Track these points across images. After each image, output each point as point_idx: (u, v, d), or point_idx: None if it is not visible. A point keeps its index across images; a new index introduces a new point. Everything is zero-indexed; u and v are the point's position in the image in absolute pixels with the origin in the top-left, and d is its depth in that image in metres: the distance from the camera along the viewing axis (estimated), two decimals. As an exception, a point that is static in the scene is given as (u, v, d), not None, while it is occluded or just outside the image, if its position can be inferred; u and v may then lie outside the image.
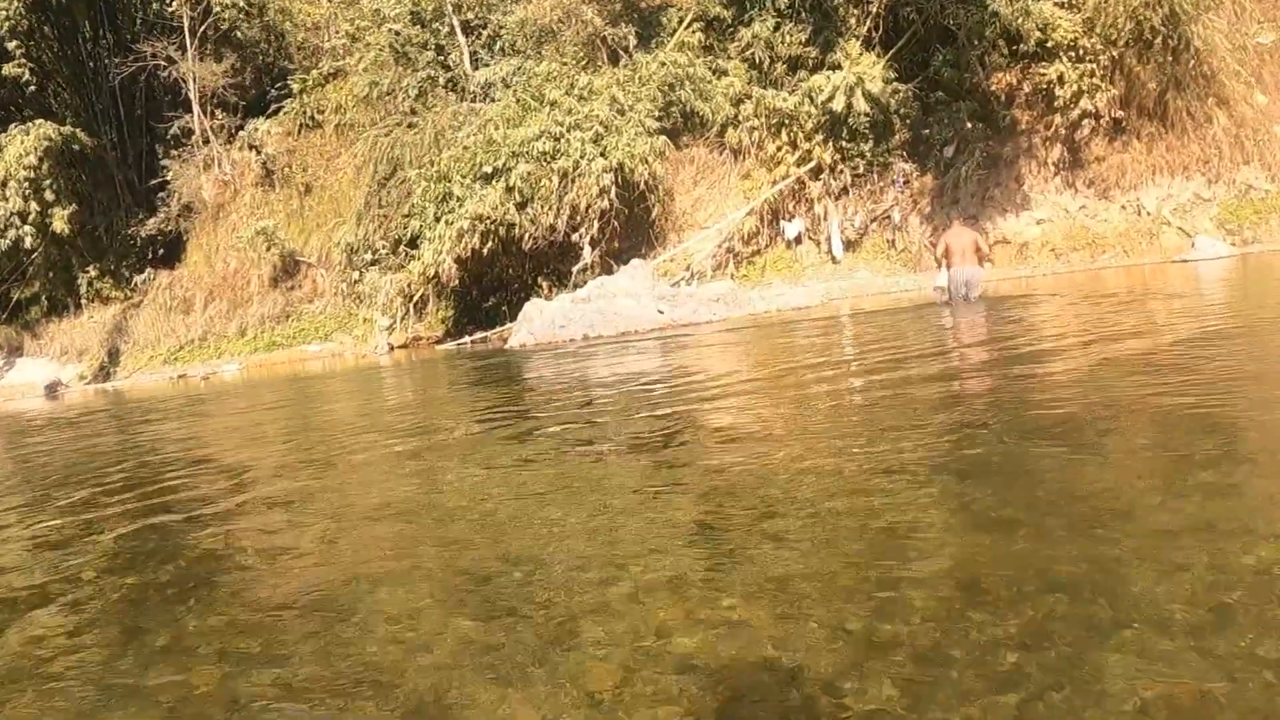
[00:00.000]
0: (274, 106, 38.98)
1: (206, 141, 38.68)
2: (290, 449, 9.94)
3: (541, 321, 23.40)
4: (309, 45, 40.23)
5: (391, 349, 29.86)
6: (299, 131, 37.97)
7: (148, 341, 36.90)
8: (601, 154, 27.35)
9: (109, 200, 40.54)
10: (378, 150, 31.52)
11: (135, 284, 38.65)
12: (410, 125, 31.46)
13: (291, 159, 37.58)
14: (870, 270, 28.04)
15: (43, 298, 40.60)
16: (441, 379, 18.17)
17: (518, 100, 29.06)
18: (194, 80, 37.99)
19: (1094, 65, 26.53)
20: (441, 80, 32.84)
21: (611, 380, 12.52)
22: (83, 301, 39.44)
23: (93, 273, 39.31)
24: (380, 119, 32.86)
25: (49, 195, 36.67)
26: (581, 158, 27.28)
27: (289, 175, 37.20)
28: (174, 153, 38.84)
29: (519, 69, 30.58)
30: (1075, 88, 26.48)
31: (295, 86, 38.22)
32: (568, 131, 27.55)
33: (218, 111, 38.85)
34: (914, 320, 16.77)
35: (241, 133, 38.67)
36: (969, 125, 27.94)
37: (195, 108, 38.44)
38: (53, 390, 33.68)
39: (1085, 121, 26.88)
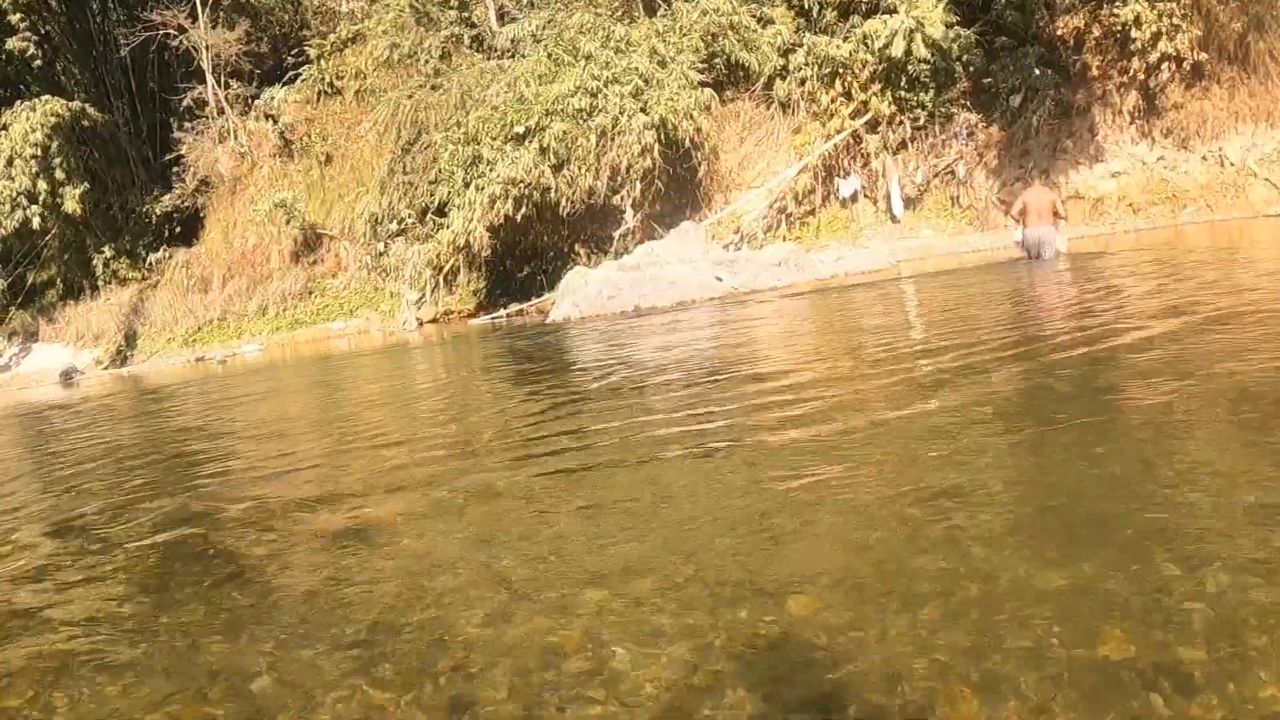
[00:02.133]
0: (291, 74, 37.17)
1: (221, 113, 36.92)
2: (299, 484, 8.06)
3: (587, 292, 21.58)
4: (326, 9, 38.46)
5: (421, 324, 28.34)
6: (318, 99, 36.18)
7: (165, 323, 35.28)
8: (642, 109, 25.57)
9: (122, 177, 39.03)
10: (400, 114, 29.70)
11: (150, 263, 36.97)
12: (434, 87, 29.64)
13: (310, 128, 35.81)
14: (933, 229, 26.16)
15: (58, 281, 38.96)
16: (479, 363, 16.25)
17: (549, 55, 27.24)
18: (206, 49, 36.19)
19: (1173, 4, 24.43)
20: (466, 39, 31.12)
21: (699, 369, 10.34)
22: (99, 283, 37.76)
23: (108, 253, 37.65)
24: (402, 82, 31.04)
25: (59, 174, 35.18)
26: (621, 114, 25.51)
27: (308, 145, 35.42)
28: (187, 125, 37.09)
29: (549, 22, 28.81)
30: (1154, 28, 24.36)
31: (312, 52, 36.28)
32: (605, 86, 25.78)
33: (232, 81, 37.09)
34: (1004, 284, 14.99)
35: (257, 102, 36.91)
36: (1037, 72, 25.87)
37: (209, 78, 36.68)
38: (68, 377, 32.07)
39: (1164, 66, 24.75)
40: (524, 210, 25.79)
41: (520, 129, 25.95)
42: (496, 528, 4.73)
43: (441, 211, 27.41)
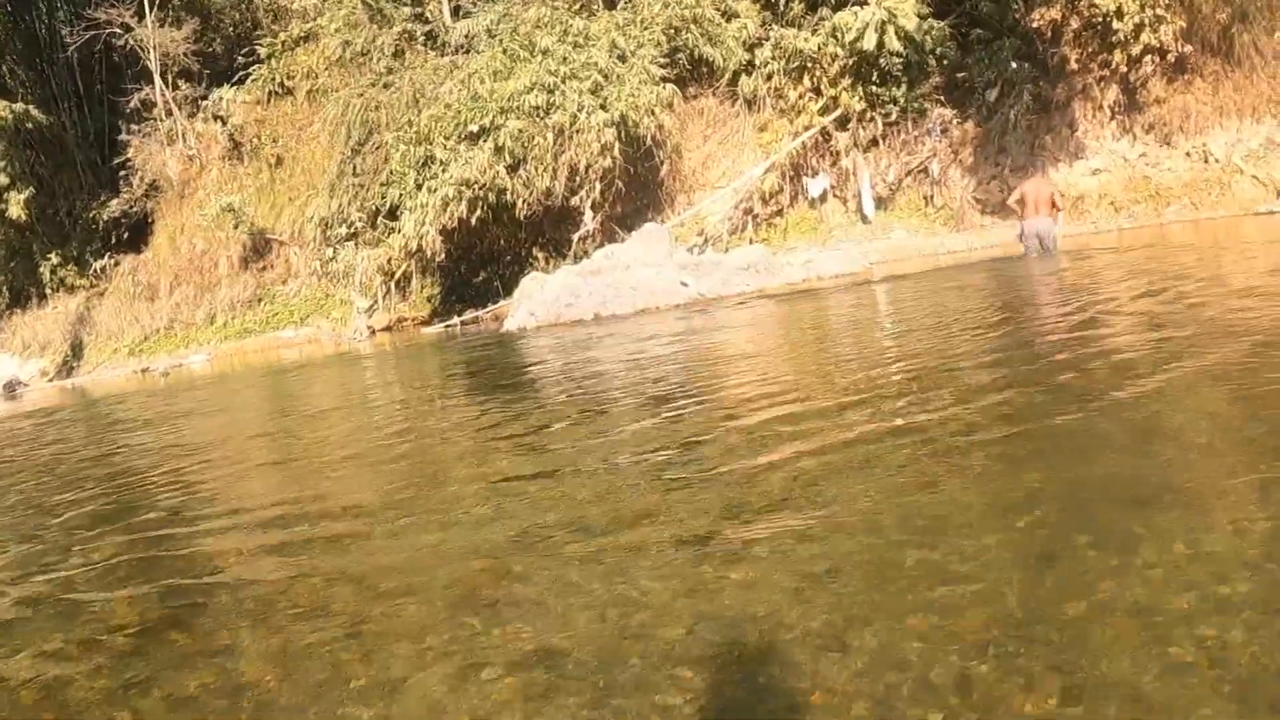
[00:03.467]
0: (241, 74, 35.77)
1: (169, 114, 35.60)
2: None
3: (543, 298, 20.35)
4: (277, 7, 37.01)
5: (373, 332, 27.19)
6: (268, 100, 34.90)
7: (111, 332, 34.08)
8: (602, 106, 24.39)
9: (70, 182, 37.78)
10: (350, 113, 28.40)
11: (97, 270, 35.69)
12: (386, 85, 28.39)
13: (260, 130, 34.56)
14: (906, 230, 25.10)
15: (4, 289, 37.76)
16: (428, 376, 15.20)
17: (505, 50, 25.95)
18: (153, 48, 34.88)
19: (1156, -6, 23.45)
20: (420, 35, 29.82)
21: (662, 394, 9.20)
22: (47, 291, 36.60)
23: (55, 260, 36.52)
24: (355, 81, 29.79)
25: (4, 178, 34.23)
26: (579, 111, 24.32)
27: (258, 147, 34.17)
28: (134, 127, 35.73)
29: (505, 16, 27.55)
30: (1137, 20, 23.31)
31: (263, 51, 34.99)
32: (562, 82, 24.59)
33: (181, 82, 35.76)
34: (997, 283, 14.46)
35: (206, 103, 35.57)
36: (1013, 65, 24.86)
37: (156, 78, 35.36)
38: (11, 390, 30.74)
39: (1147, 59, 23.74)
40: (478, 213, 24.60)
41: (474, 128, 24.74)
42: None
43: (393, 214, 26.21)
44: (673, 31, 26.41)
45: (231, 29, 37.92)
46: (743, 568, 3.72)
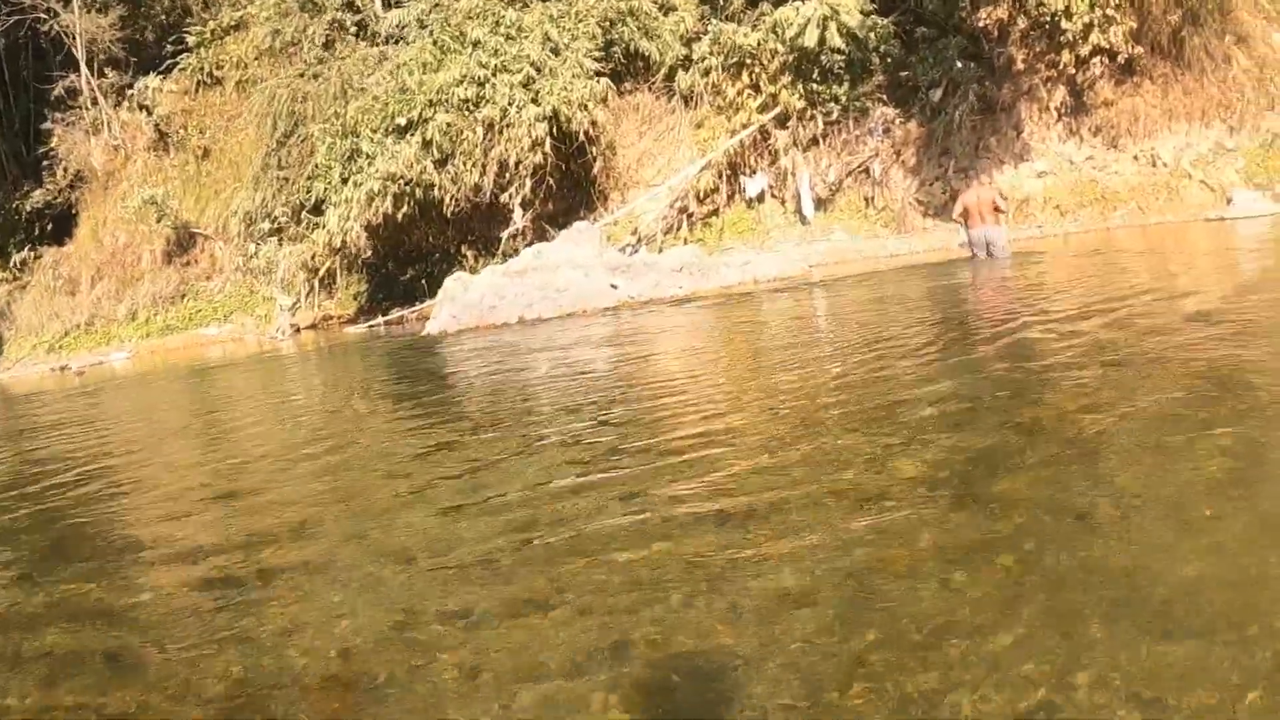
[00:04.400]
0: (168, 63, 34.64)
1: (95, 103, 34.50)
2: None
3: (467, 300, 19.55)
4: (207, -7, 36.00)
5: (297, 330, 26.32)
6: (196, 90, 33.88)
7: (31, 328, 32.98)
8: (533, 100, 23.71)
9: (-8, 173, 36.48)
10: (277, 104, 27.52)
11: (16, 263, 34.62)
12: (315, 75, 27.50)
13: (188, 120, 33.56)
14: (846, 232, 24.44)
15: (-73, 283, 36.48)
16: (343, 382, 14.37)
17: (435, 41, 25.16)
18: (80, 34, 33.75)
19: (1107, -6, 22.90)
20: (350, 24, 28.92)
21: (584, 414, 8.47)
22: (-31, 286, 35.38)
23: (-24, 253, 35.31)
24: (284, 71, 28.88)
25: (-77, 168, 33.08)
26: (510, 105, 23.66)
27: (185, 138, 33.17)
28: (59, 116, 34.56)
29: (436, 5, 26.69)
30: (1086, 20, 22.74)
31: (192, 40, 33.90)
32: (494, 75, 23.92)
33: (107, 70, 34.63)
34: (942, 293, 13.81)
35: (132, 92, 34.47)
36: (958, 65, 24.23)
37: (82, 65, 34.19)
38: (-74, 389, 29.65)
39: (1096, 60, 23.18)
40: (405, 208, 23.92)
41: (402, 121, 24.02)
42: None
43: (318, 209, 25.43)
44: (608, 24, 25.62)
45: (162, 15, 36.71)
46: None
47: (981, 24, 24.33)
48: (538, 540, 4.45)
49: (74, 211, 34.79)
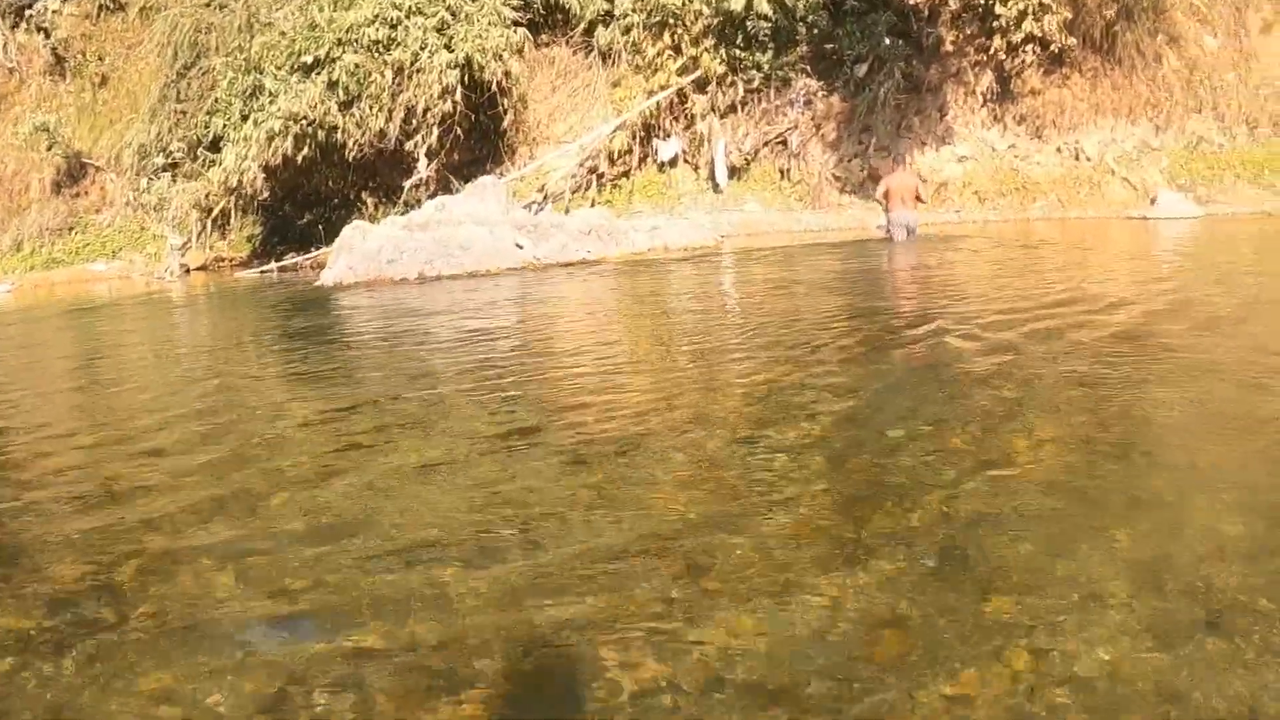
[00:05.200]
0: (70, -17, 33.16)
1: (-11, 23, 32.99)
2: None
3: (365, 251, 18.62)
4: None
5: (187, 271, 25.30)
6: (98, 15, 32.24)
7: (-87, 256, 31.42)
8: (446, 46, 22.94)
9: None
10: (179, 33, 26.35)
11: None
12: (221, 5, 26.40)
13: (87, 46, 32.02)
14: (759, 203, 24.00)
15: None
16: (225, 333, 13.64)
17: (348, -23, 24.21)
18: (-26, -51, 32.24)
19: (1044, -19, 22.55)
20: (265, -45, 27.85)
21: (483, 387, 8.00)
22: None
23: None
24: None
25: None
26: (422, 49, 22.86)
27: (82, 64, 31.71)
28: (-50, 34, 33.02)
29: (352, -60, 25.73)
30: (1020, 7, 22.33)
31: (95, -40, 32.51)
32: (406, 17, 23.04)
33: (4, -13, 33.15)
34: (857, 272, 14.05)
35: (30, 12, 32.99)
36: (886, 41, 23.84)
37: (-25, -18, 32.71)
38: None
39: (1028, 48, 22.84)
40: (306, 151, 23.00)
41: (308, 59, 23.07)
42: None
43: (215, 146, 24.37)
44: (529, -28, 24.83)
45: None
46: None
47: (912, 2, 23.88)
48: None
49: (-37, 135, 33.24)
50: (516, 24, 24.00)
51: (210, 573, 3.70)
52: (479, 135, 24.57)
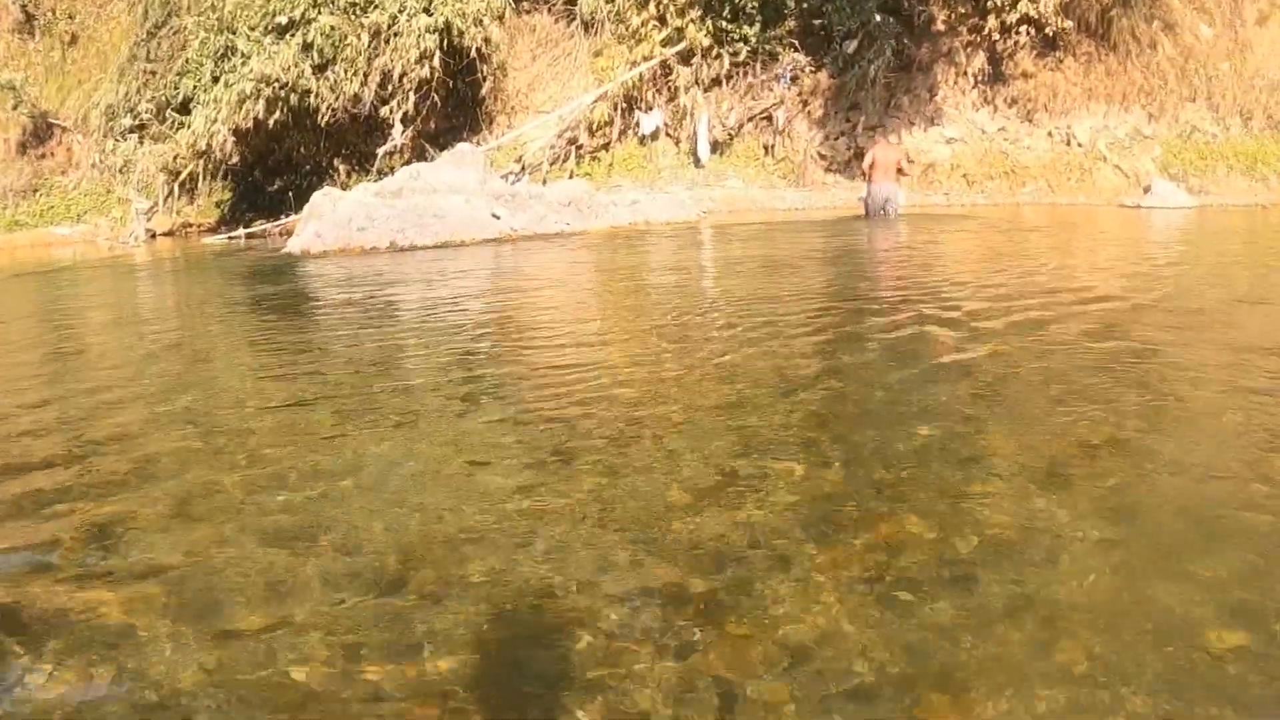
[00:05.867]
0: (42, -61, 32.51)
1: (-43, -23, 32.29)
2: None
3: (335, 218, 17.90)
4: None
5: (153, 236, 24.65)
6: (70, -29, 31.84)
7: (-127, 216, 30.70)
8: (425, 10, 22.49)
9: None
10: (151, -10, 25.81)
11: None
12: (195, -37, 25.81)
13: (58, 3, 31.43)
14: (741, 179, 23.53)
15: None
16: (195, 307, 12.86)
17: (325, -63, 23.64)
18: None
19: (1044, -37, 22.13)
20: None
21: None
22: None
23: None
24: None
25: None
26: (400, 12, 22.45)
27: (52, 22, 31.06)
28: (-85, -11, 32.31)
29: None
30: (1016, -14, 21.96)
31: (68, -85, 31.83)
32: (385, -22, 22.46)
33: (-27, -58, 32.46)
34: (837, 252, 13.46)
35: (-2, -33, 32.37)
36: (877, 18, 23.37)
37: (-56, -65, 32.00)
38: None
39: (1022, 29, 22.43)
40: (278, 115, 22.49)
41: (283, 19, 22.52)
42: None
43: (185, 108, 23.81)
44: (511, -65, 24.33)
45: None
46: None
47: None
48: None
49: (-71, 92, 32.56)
50: (499, -10, 23.44)
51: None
52: (456, 103, 24.09)
